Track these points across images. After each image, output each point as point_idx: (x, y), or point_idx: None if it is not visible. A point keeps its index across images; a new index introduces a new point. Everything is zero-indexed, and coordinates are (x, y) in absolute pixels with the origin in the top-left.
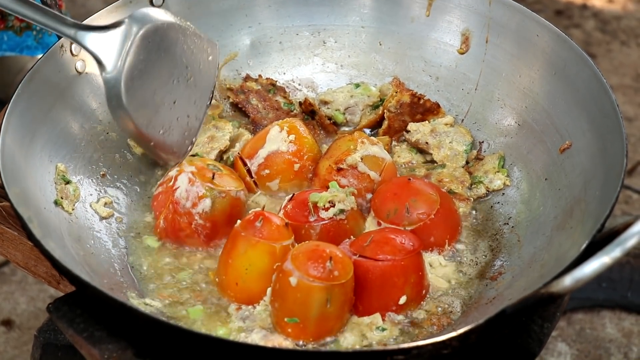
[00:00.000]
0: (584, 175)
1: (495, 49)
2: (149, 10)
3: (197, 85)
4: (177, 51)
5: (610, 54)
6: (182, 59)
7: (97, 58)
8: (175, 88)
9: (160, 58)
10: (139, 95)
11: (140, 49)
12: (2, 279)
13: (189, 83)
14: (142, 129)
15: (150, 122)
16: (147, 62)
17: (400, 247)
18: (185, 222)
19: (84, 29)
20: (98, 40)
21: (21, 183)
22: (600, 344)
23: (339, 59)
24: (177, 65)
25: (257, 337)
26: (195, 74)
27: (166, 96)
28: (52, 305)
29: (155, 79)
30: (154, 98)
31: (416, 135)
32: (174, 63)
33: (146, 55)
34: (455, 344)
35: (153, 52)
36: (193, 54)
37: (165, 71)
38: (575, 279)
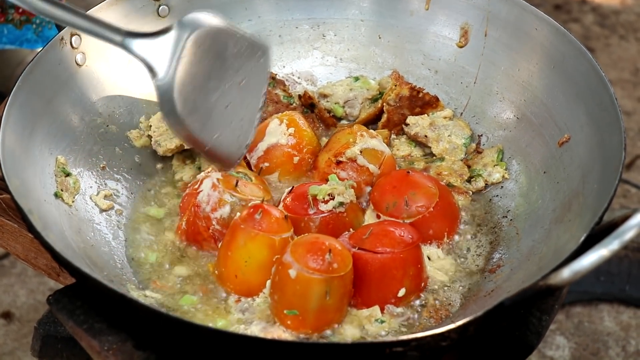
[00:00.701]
0: (582, 169)
1: (494, 43)
2: (198, 15)
3: (249, 88)
4: (228, 55)
5: (608, 48)
6: (233, 63)
7: (147, 65)
8: (228, 92)
9: (211, 62)
10: (191, 101)
11: (191, 54)
12: (2, 271)
13: (241, 86)
14: (196, 134)
15: (204, 127)
16: (199, 67)
17: (399, 240)
18: (204, 226)
19: (133, 36)
20: (148, 46)
21: (21, 175)
22: (599, 337)
23: (338, 52)
24: (228, 69)
25: (256, 329)
26: (247, 77)
27: (219, 100)
28: (52, 297)
29: (207, 83)
30: (207, 102)
31: (415, 128)
32: (225, 67)
33: (197, 60)
34: (453, 336)
35: (204, 56)
36: (243, 57)
37: (216, 75)
38: (573, 272)
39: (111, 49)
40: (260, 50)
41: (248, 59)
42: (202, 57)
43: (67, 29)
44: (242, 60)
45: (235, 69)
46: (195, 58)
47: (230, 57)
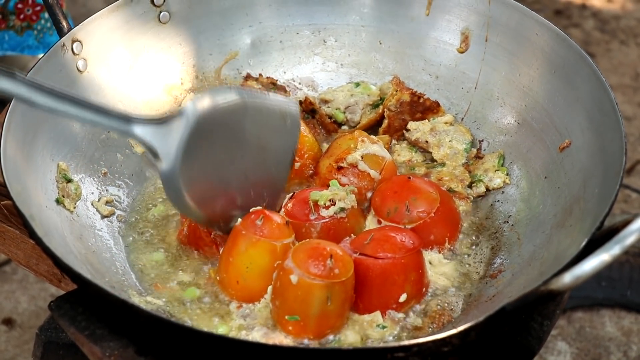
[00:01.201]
0: (583, 174)
1: (495, 48)
2: (208, 95)
3: (273, 151)
4: (246, 126)
5: (609, 53)
6: (252, 132)
7: (153, 151)
8: (247, 160)
9: (224, 138)
10: (200, 182)
11: (198, 137)
12: (3, 277)
13: (265, 152)
14: (210, 213)
15: (219, 204)
16: (209, 147)
17: (401, 245)
18: (205, 232)
19: (139, 122)
20: (154, 132)
21: (23, 181)
22: (600, 343)
23: (339, 58)
24: (246, 139)
25: (258, 335)
26: (270, 141)
27: (235, 172)
28: (53, 303)
29: (220, 159)
30: (221, 178)
31: (416, 134)
32: (241, 138)
33: (207, 141)
34: (455, 341)
35: (214, 136)
36: (265, 124)
37: (231, 148)
38: (574, 277)
39: (113, 55)
40: (287, 111)
41: (269, 124)
42: (213, 137)
43: (68, 35)
44: (262, 128)
45: (255, 137)
46: (204, 140)
47: (248, 128)
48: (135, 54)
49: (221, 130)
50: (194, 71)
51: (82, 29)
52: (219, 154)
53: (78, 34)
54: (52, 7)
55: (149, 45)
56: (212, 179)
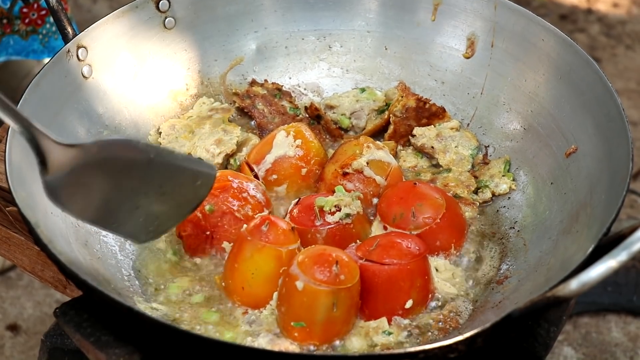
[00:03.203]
0: (589, 180)
1: (501, 54)
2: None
3: (172, 201)
4: (147, 175)
5: (615, 58)
6: (153, 180)
7: (42, 157)
8: (142, 199)
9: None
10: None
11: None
12: (9, 283)
13: (163, 198)
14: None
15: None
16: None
17: (407, 251)
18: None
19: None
20: (51, 146)
21: (28, 187)
22: (606, 348)
23: (344, 63)
24: (145, 184)
25: (263, 341)
26: (174, 191)
27: (124, 203)
28: (59, 309)
29: (109, 192)
30: (106, 204)
31: (422, 139)
32: (141, 182)
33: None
34: (461, 347)
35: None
36: (171, 178)
37: (126, 187)
38: (581, 283)
39: (118, 61)
40: (201, 175)
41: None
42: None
43: (73, 41)
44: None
45: (157, 185)
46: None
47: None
48: (140, 59)
49: (120, 174)
50: (199, 77)
51: (87, 34)
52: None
53: (83, 40)
54: (56, 12)
55: (154, 51)
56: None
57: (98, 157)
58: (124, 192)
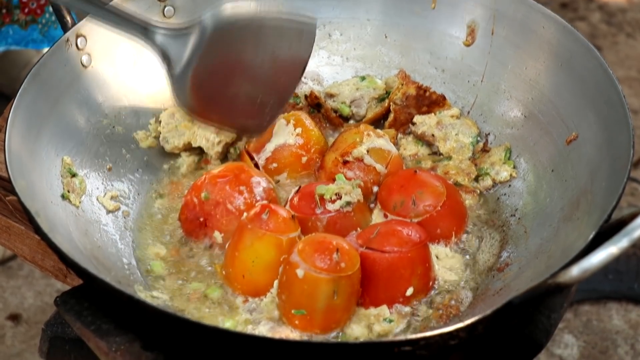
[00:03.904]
0: (590, 167)
1: (501, 41)
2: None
3: (285, 63)
4: (260, 40)
5: (615, 46)
6: (266, 46)
7: (166, 57)
8: (257, 70)
9: (237, 51)
10: (209, 89)
11: (212, 48)
12: (9, 273)
13: (277, 63)
14: (214, 121)
15: (223, 109)
16: (220, 59)
17: (407, 239)
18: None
19: (159, 31)
20: (170, 41)
21: (27, 177)
22: (607, 336)
23: (344, 51)
24: (259, 52)
25: (264, 329)
26: (283, 53)
27: (244, 81)
28: (59, 298)
29: (230, 71)
30: (229, 86)
31: (422, 127)
32: (255, 51)
33: (219, 53)
34: (462, 334)
35: (227, 48)
36: (280, 38)
37: (244, 59)
38: (582, 270)
39: (117, 50)
40: (302, 26)
41: (285, 38)
42: (226, 48)
43: (72, 30)
44: (277, 41)
45: (269, 51)
46: (216, 51)
47: (263, 41)
48: (139, 48)
49: (235, 43)
50: None
51: (86, 23)
52: (230, 64)
53: (82, 28)
54: (55, 1)
55: None
56: (221, 87)
57: (214, 33)
58: (241, 67)
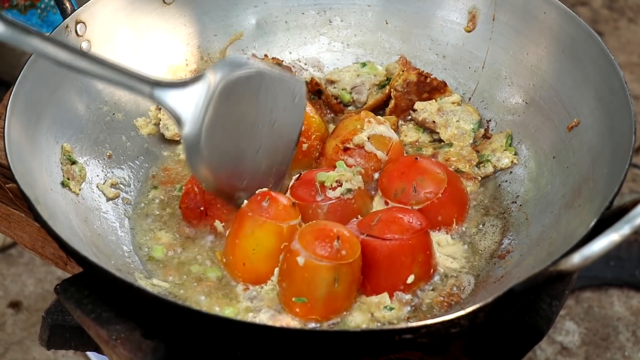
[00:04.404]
0: (591, 153)
1: (502, 27)
2: (229, 62)
3: (282, 128)
4: (260, 98)
5: (617, 31)
6: (265, 105)
7: (176, 116)
8: (259, 134)
9: (242, 108)
10: (220, 150)
11: (221, 103)
12: (10, 260)
13: (274, 128)
14: (224, 184)
15: (232, 175)
16: (228, 115)
17: (408, 226)
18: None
19: (162, 86)
20: (177, 97)
21: (27, 164)
22: (609, 323)
23: (345, 38)
24: (260, 112)
25: (265, 317)
26: (280, 117)
27: (249, 145)
28: (59, 286)
29: (238, 129)
30: (237, 149)
31: (423, 114)
32: (257, 110)
33: (227, 108)
34: (463, 322)
35: (234, 103)
36: (277, 97)
37: (248, 119)
38: (584, 257)
39: (117, 36)
40: (295, 88)
41: (281, 98)
42: (233, 104)
43: (72, 17)
44: (275, 101)
45: (268, 110)
46: (225, 106)
47: (263, 99)
48: (139, 35)
49: (240, 98)
50: (198, 52)
51: (85, 10)
52: (237, 123)
53: (82, 15)
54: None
55: (154, 27)
56: (230, 148)
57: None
58: (245, 127)
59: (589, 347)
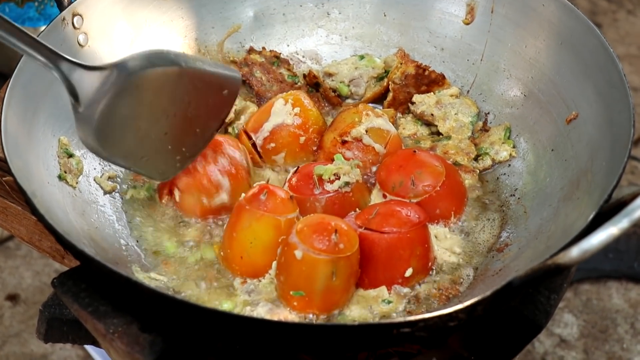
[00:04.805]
0: (590, 146)
1: (501, 19)
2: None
3: (201, 117)
4: (177, 91)
5: (616, 23)
6: (182, 98)
7: (73, 92)
8: (171, 122)
9: (150, 98)
10: (113, 133)
11: (124, 92)
12: (7, 253)
13: (190, 116)
14: (118, 161)
15: (128, 154)
16: (132, 103)
17: (406, 220)
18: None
19: (68, 62)
20: (80, 75)
21: (24, 157)
22: (607, 315)
23: (343, 30)
24: (174, 103)
25: (262, 311)
26: (201, 108)
27: (153, 129)
28: (56, 279)
29: (141, 115)
30: (137, 132)
31: (421, 107)
32: (170, 101)
33: (131, 98)
34: (461, 316)
35: (141, 94)
36: (200, 92)
37: (156, 108)
38: (582, 250)
39: (114, 29)
40: (228, 81)
41: (205, 91)
42: (139, 95)
43: (68, 9)
44: (195, 93)
45: (186, 103)
46: (129, 97)
47: (180, 93)
48: (136, 27)
49: (150, 91)
50: (196, 45)
51: (82, 2)
52: (142, 112)
53: (78, 7)
54: None
55: (151, 19)
56: (127, 131)
57: (129, 77)
58: (153, 116)
59: (588, 340)
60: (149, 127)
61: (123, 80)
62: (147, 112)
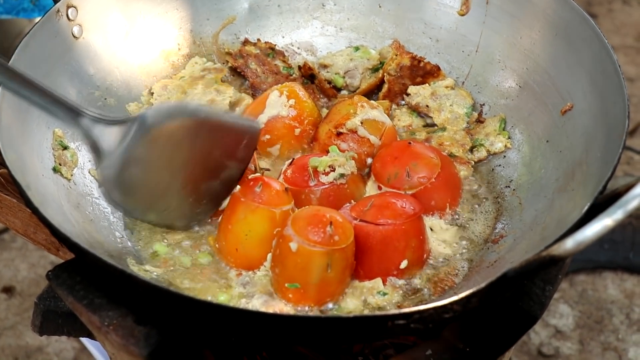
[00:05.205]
0: (585, 137)
1: (496, 11)
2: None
3: (222, 168)
4: (197, 143)
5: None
6: (202, 149)
7: (96, 147)
8: (191, 173)
9: (170, 151)
10: (135, 187)
11: (146, 147)
12: (3, 245)
13: (215, 167)
14: (140, 215)
15: (150, 206)
16: (154, 158)
17: (401, 211)
18: None
19: (89, 116)
20: (101, 130)
21: (18, 149)
22: (602, 305)
23: (338, 22)
24: (194, 154)
25: (257, 303)
26: (221, 158)
27: (174, 181)
28: (51, 272)
29: (161, 168)
30: (157, 185)
31: (416, 98)
32: (190, 153)
33: (153, 152)
34: (457, 307)
35: (162, 148)
36: (220, 142)
37: (176, 160)
38: (577, 242)
39: (108, 21)
40: (247, 132)
41: (225, 142)
42: (158, 149)
43: (63, 1)
44: (216, 144)
45: (206, 152)
46: (148, 150)
47: (200, 144)
48: (131, 19)
49: (170, 144)
50: (191, 36)
51: None
52: (163, 164)
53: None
54: None
55: (145, 11)
56: (150, 185)
57: (149, 130)
58: (174, 168)
59: (583, 330)
60: (170, 180)
61: (143, 134)
62: (167, 165)
